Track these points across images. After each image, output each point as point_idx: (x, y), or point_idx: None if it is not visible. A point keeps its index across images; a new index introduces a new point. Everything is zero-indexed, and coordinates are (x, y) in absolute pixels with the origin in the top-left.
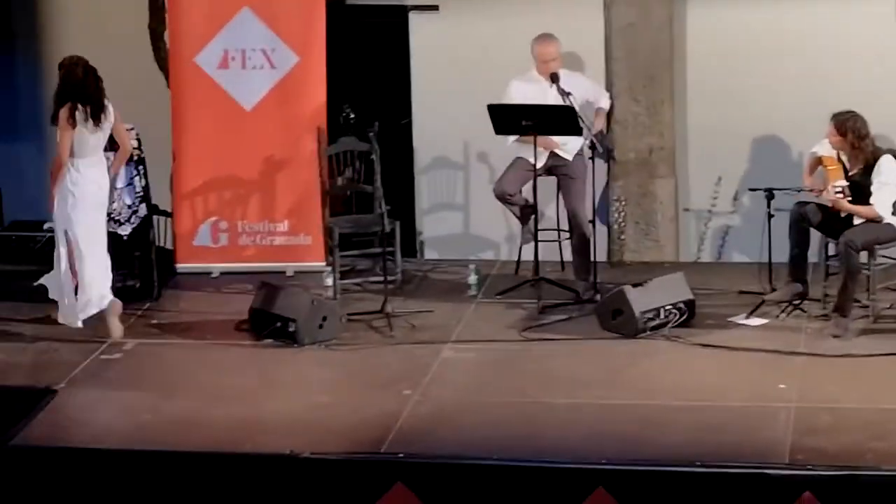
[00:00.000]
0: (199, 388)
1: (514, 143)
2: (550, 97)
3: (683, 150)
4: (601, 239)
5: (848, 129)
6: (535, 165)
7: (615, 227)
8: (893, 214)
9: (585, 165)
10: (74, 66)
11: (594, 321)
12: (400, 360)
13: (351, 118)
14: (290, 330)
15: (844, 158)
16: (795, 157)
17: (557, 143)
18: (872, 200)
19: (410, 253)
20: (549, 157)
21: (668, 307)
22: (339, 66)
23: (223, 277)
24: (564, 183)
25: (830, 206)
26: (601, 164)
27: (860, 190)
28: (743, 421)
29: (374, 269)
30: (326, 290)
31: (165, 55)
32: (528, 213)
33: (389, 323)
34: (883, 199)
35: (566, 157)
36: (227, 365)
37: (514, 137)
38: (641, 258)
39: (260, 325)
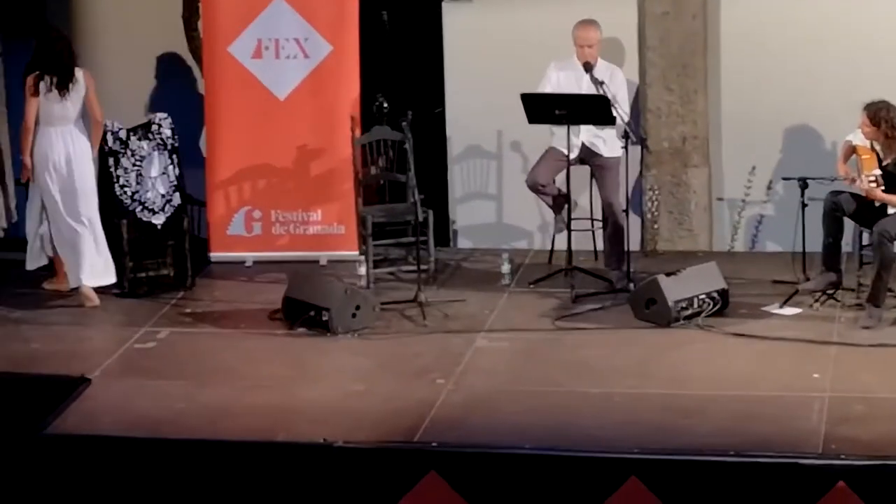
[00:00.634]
0: (232, 376)
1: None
2: (584, 85)
3: (717, 139)
4: (634, 228)
5: (881, 118)
6: (567, 155)
7: (648, 216)
8: None
9: (619, 154)
10: (49, 37)
11: (627, 310)
12: (433, 349)
13: (384, 107)
14: (323, 319)
15: (878, 148)
16: (829, 146)
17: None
18: None
19: (443, 242)
20: (581, 147)
21: (701, 296)
22: (372, 55)
23: (256, 266)
24: (599, 173)
25: (864, 195)
26: (635, 153)
27: (894, 179)
28: (776, 410)
29: (407, 258)
30: (360, 279)
31: (199, 45)
32: (560, 202)
33: (422, 312)
34: None
35: (603, 149)
36: (260, 354)
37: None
38: (675, 247)
39: (293, 313)
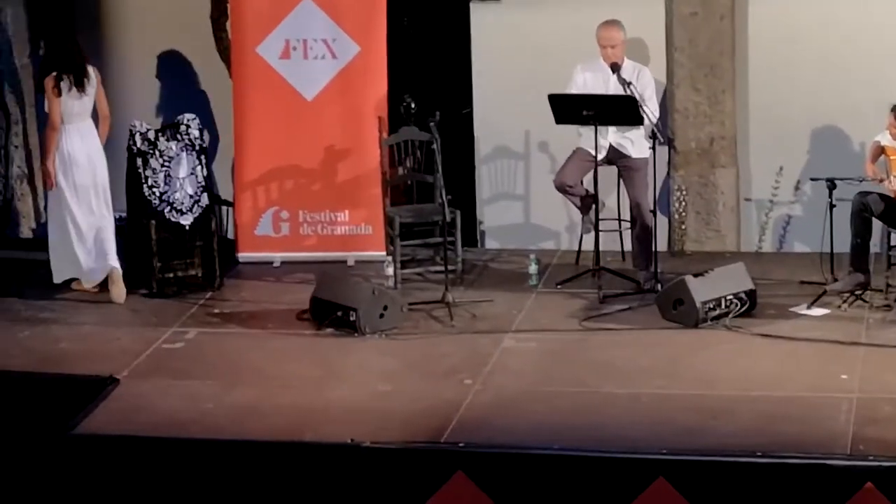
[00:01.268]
0: (260, 377)
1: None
2: (611, 86)
3: (745, 139)
4: (662, 229)
5: None
6: (595, 156)
7: (676, 216)
8: None
9: (647, 155)
10: (59, 36)
11: (655, 311)
12: (460, 349)
13: (412, 108)
14: (350, 319)
15: None
16: (857, 146)
17: None
18: None
19: (471, 242)
20: (609, 149)
21: (729, 297)
22: (400, 55)
23: (284, 267)
24: (627, 174)
25: (893, 195)
26: (662, 154)
27: None
28: (804, 411)
29: (434, 258)
30: (387, 279)
31: (227, 45)
32: (588, 202)
33: (450, 312)
34: None
35: (630, 150)
36: (288, 354)
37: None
38: (702, 248)
39: (321, 314)
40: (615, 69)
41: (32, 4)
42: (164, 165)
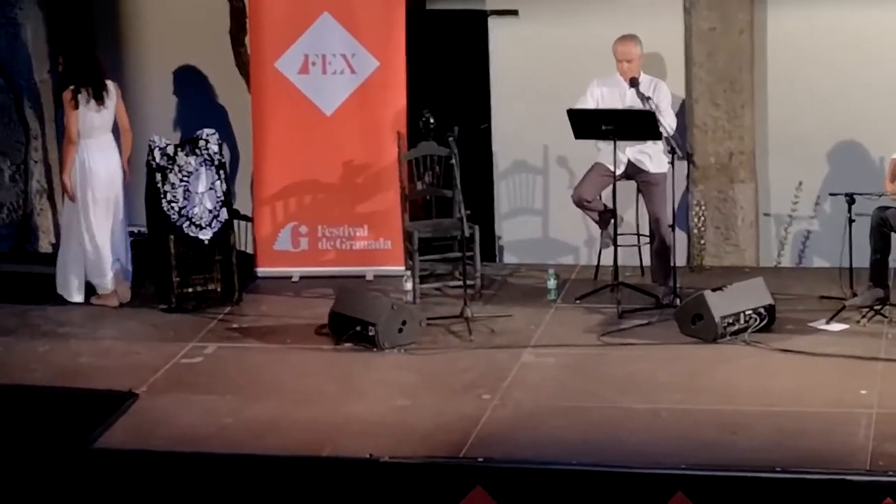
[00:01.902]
0: (279, 391)
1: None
2: (627, 100)
3: (764, 154)
4: (681, 244)
5: None
6: (614, 171)
7: (695, 231)
8: None
9: (665, 170)
10: (77, 50)
11: (674, 326)
12: (479, 364)
13: (431, 123)
14: (369, 334)
15: None
16: (876, 161)
17: None
18: None
19: (490, 257)
20: (627, 164)
21: (748, 312)
22: (419, 71)
23: (303, 281)
24: (645, 189)
25: None
26: (681, 168)
27: None
28: (823, 426)
29: (453, 273)
30: (406, 294)
31: (246, 60)
32: (606, 217)
33: (469, 327)
34: None
35: (649, 165)
36: (307, 369)
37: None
38: (721, 263)
39: (340, 328)
40: (633, 84)
41: (52, 20)
42: (183, 180)
